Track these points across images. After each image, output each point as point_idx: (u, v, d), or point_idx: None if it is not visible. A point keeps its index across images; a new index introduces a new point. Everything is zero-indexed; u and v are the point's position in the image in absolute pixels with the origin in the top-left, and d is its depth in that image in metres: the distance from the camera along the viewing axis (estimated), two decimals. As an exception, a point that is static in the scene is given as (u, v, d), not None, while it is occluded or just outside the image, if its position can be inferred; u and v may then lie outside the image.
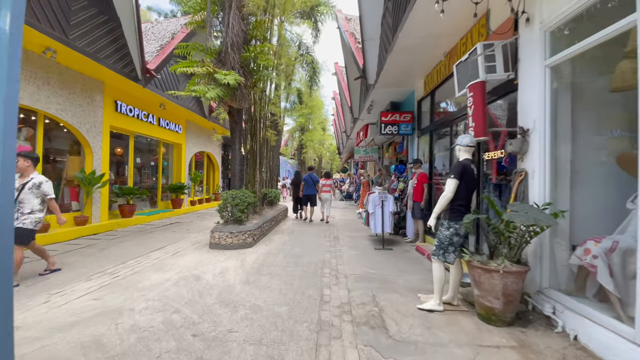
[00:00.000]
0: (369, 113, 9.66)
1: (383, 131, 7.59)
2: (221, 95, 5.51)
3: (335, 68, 14.11)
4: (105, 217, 7.92)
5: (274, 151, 10.60)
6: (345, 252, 5.87)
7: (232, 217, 5.99)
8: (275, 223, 8.67)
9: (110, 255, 5.37)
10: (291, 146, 24.72)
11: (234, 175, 6.62)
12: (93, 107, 7.51)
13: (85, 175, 7.03)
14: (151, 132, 10.05)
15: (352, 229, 8.60)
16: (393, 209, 6.44)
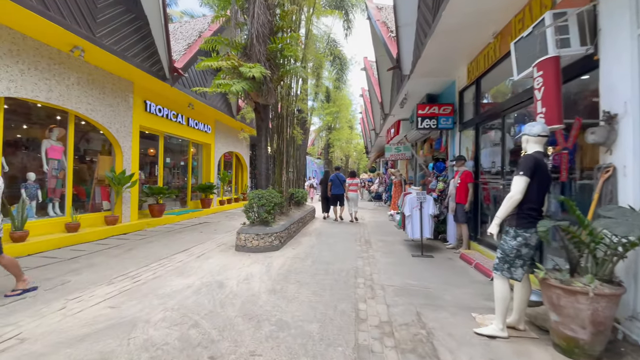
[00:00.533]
0: (402, 107, 9.00)
1: (420, 125, 6.95)
2: (246, 89, 5.20)
3: (365, 63, 13.52)
4: (135, 216, 7.95)
5: (300, 150, 10.24)
6: (380, 259, 5.33)
7: (259, 218, 5.66)
8: (303, 224, 8.29)
9: (135, 257, 5.23)
10: (318, 145, 24.35)
11: (260, 174, 6.31)
12: (123, 107, 7.53)
13: (114, 174, 7.04)
14: (180, 132, 10.07)
15: (384, 232, 8.01)
16: (433, 212, 5.80)
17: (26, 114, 6.38)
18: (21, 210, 5.16)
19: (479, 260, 4.97)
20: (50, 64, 5.71)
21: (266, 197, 5.68)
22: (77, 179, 7.19)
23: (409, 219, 5.80)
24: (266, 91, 5.59)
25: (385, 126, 12.75)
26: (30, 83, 5.37)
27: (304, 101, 8.69)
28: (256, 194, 5.73)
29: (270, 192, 5.87)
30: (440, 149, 8.20)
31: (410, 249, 6.10)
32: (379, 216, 11.44)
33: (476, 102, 6.05)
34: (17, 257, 4.99)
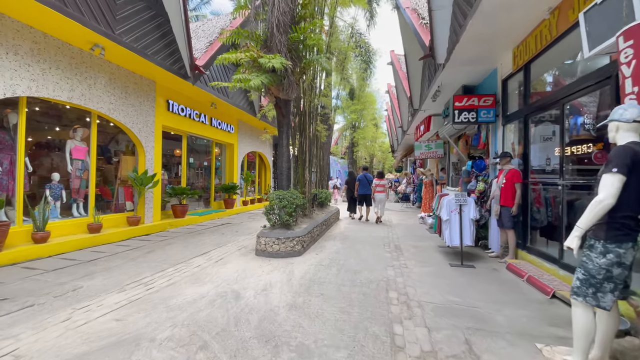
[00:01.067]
0: (434, 101, 8.31)
1: (457, 119, 6.27)
2: (266, 82, 4.83)
3: (392, 57, 12.86)
4: (157, 217, 7.86)
5: (324, 149, 9.80)
6: (414, 269, 4.76)
7: (279, 221, 5.27)
8: (327, 227, 7.83)
9: (153, 260, 5.01)
10: (341, 145, 23.80)
11: (281, 174, 5.93)
12: (145, 107, 7.45)
13: (137, 175, 6.95)
14: (203, 132, 9.96)
15: (415, 237, 7.38)
16: (475, 216, 5.13)
17: (50, 114, 6.42)
18: (42, 211, 5.10)
19: (531, 272, 4.28)
20: (72, 63, 5.65)
21: (287, 198, 5.28)
22: (100, 180, 7.19)
23: (447, 224, 5.17)
24: (287, 85, 5.19)
25: (413, 123, 12.02)
26: (52, 82, 5.32)
27: (327, 97, 8.23)
28: (277, 195, 5.35)
29: (291, 193, 5.46)
30: (478, 146, 7.44)
31: (448, 256, 5.47)
32: (407, 218, 10.75)
33: (524, 91, 5.31)
34: (38, 259, 4.93)
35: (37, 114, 5.92)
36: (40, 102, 5.61)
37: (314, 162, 8.98)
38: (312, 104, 6.87)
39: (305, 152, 6.71)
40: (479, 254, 5.66)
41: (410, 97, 10.49)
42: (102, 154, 7.28)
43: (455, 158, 10.10)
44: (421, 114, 10.47)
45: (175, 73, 7.27)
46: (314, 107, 6.99)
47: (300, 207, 5.98)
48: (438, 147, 10.46)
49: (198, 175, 11.07)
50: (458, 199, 5.08)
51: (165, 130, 8.46)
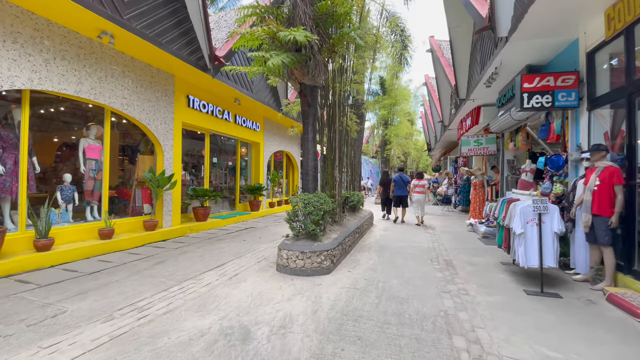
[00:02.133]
0: (489, 86, 6.99)
1: (526, 104, 4.99)
2: (287, 62, 3.96)
3: (431, 43, 11.53)
4: (177, 220, 7.32)
5: (355, 146, 8.81)
6: (478, 297, 3.64)
7: (304, 230, 4.38)
8: (360, 235, 6.83)
9: (159, 275, 4.33)
10: (372, 143, 22.53)
11: (306, 174, 5.05)
12: (163, 102, 6.93)
13: (153, 175, 6.41)
14: (227, 130, 9.37)
15: (467, 250, 6.16)
16: (560, 229, 3.89)
17: (60, 110, 6.04)
18: (46, 215, 4.63)
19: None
20: (80, 54, 5.17)
21: (314, 203, 4.38)
22: (115, 181, 6.77)
23: (520, 239, 3.97)
24: (313, 66, 4.29)
25: (458, 116, 10.63)
26: (57, 74, 4.84)
27: (360, 82, 7.21)
28: (301, 199, 4.47)
29: (318, 197, 4.55)
30: (547, 138, 6.07)
31: (518, 279, 4.27)
32: (451, 224, 9.43)
33: (628, 63, 3.98)
34: (37, 270, 4.44)
35: (45, 110, 5.54)
36: (48, 97, 5.19)
37: (345, 161, 8.02)
38: (343, 91, 5.89)
39: (334, 149, 5.77)
40: (559, 276, 4.39)
41: (455, 85, 9.17)
42: (117, 153, 6.86)
43: (510, 155, 8.65)
44: (468, 105, 9.12)
45: (193, 64, 6.66)
46: (344, 95, 6.00)
47: (329, 214, 5.06)
48: (489, 143, 9.04)
49: (223, 175, 10.53)
50: (537, 206, 3.87)
51: (186, 128, 7.93)
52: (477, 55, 7.64)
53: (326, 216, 4.70)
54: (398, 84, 15.86)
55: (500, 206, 4.85)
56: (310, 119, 4.87)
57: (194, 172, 8.91)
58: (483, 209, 8.72)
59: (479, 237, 7.40)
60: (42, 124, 5.92)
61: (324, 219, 4.56)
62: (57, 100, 5.37)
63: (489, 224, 7.73)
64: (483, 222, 7.92)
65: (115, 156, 6.92)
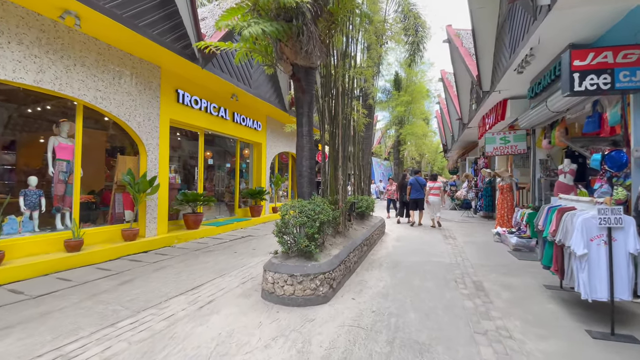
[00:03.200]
0: (521, 72, 5.94)
1: (578, 87, 3.95)
2: (270, 32, 3.11)
3: (448, 33, 10.49)
4: (163, 229, 6.55)
5: (364, 144, 7.86)
6: (528, 344, 2.64)
7: (296, 246, 3.48)
8: (369, 247, 5.88)
9: (116, 300, 3.52)
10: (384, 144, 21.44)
11: (300, 175, 4.17)
12: (147, 97, 6.20)
13: (131, 178, 5.66)
14: (224, 129, 8.61)
15: (498, 266, 5.11)
16: (637, 249, 2.85)
17: (24, 104, 5.38)
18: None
19: None
20: (41, 38, 4.47)
21: (308, 211, 3.48)
22: (92, 184, 6.07)
23: (583, 262, 2.94)
24: (307, 41, 3.42)
25: (480, 111, 9.54)
26: (11, 61, 4.15)
27: (370, 68, 6.26)
28: (292, 206, 3.58)
29: (315, 204, 3.65)
30: (600, 132, 4.99)
31: (573, 310, 3.24)
32: (474, 232, 8.33)
33: None
34: (-25, 292, 3.69)
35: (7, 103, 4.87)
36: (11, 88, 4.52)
37: (352, 162, 7.09)
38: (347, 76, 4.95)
39: (338, 147, 4.86)
40: (631, 309, 3.32)
41: (477, 76, 8.13)
42: (96, 153, 6.17)
43: (543, 154, 7.52)
44: (493, 98, 8.04)
45: (179, 52, 5.91)
46: (348, 81, 5.05)
47: (330, 224, 4.15)
48: (518, 140, 7.92)
49: (221, 179, 9.77)
50: (606, 217, 2.84)
51: (175, 125, 7.19)
52: (505, 38, 6.60)
53: (325, 228, 3.79)
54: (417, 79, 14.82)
55: (546, 215, 3.81)
56: (305, 109, 3.99)
57: (187, 174, 8.17)
58: (512, 216, 7.61)
59: (510, 250, 6.32)
60: (6, 120, 5.27)
61: (321, 232, 3.65)
62: (25, 93, 4.70)
63: (520, 234, 6.63)
64: (513, 232, 6.83)
65: (93, 157, 6.24)
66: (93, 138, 6.23)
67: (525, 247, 6.21)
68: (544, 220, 3.82)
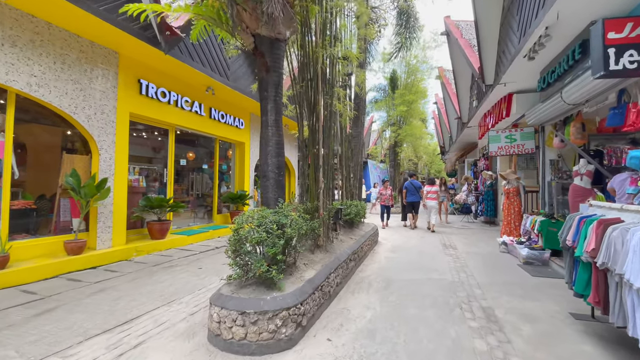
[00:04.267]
0: (532, 58, 5.15)
1: (614, 65, 3.15)
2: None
3: (447, 24, 9.74)
4: (120, 239, 5.66)
5: (354, 142, 7.04)
6: None
7: (252, 273, 2.61)
8: (357, 262, 5.03)
9: (13, 342, 2.63)
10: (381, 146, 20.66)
11: (265, 176, 3.33)
12: (100, 86, 5.34)
13: (76, 181, 4.78)
14: (199, 126, 7.74)
15: (509, 284, 4.28)
16: None
17: None
18: None
19: None
20: (-53, 6, 3.61)
21: (269, 225, 2.63)
22: (36, 188, 5.18)
23: (628, 292, 2.11)
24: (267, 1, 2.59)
25: (481, 108, 8.76)
26: None
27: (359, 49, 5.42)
28: (251, 218, 2.73)
29: (280, 214, 2.80)
30: (623, 127, 4.20)
31: (615, 354, 2.41)
32: (477, 241, 7.50)
33: None
34: None
35: None
36: None
37: (341, 162, 6.25)
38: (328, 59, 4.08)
39: (318, 142, 4.03)
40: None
41: (479, 68, 7.35)
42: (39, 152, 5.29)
43: (554, 153, 6.74)
44: (497, 93, 7.26)
45: (135, 34, 5.06)
46: (330, 64, 4.16)
47: (308, 237, 3.30)
48: (526, 139, 7.13)
49: (198, 181, 8.88)
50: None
51: (138, 120, 6.32)
52: (512, 22, 5.82)
53: (295, 244, 2.93)
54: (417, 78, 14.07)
55: (577, 228, 2.99)
56: (271, 92, 3.16)
57: (155, 177, 7.28)
58: (520, 223, 6.81)
59: (519, 263, 5.51)
60: None
61: (289, 251, 2.79)
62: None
63: (531, 245, 5.82)
64: (522, 242, 6.02)
65: (40, 156, 5.37)
66: (38, 134, 5.35)
67: (538, 260, 5.39)
68: (575, 233, 3.00)
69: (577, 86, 4.65)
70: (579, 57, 4.55)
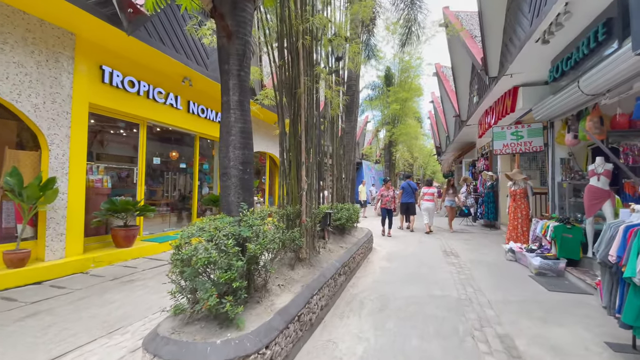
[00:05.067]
0: (546, 42, 4.55)
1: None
2: None
3: (446, 15, 9.14)
4: (76, 248, 4.92)
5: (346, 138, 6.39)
6: None
7: (200, 307, 1.92)
8: (348, 276, 4.36)
9: None
10: (376, 146, 20.07)
11: (226, 174, 2.65)
12: (51, 71, 4.61)
13: (16, 181, 4.04)
14: (175, 121, 7.02)
15: (525, 302, 3.64)
16: None
17: None
18: None
19: None
20: None
21: (222, 240, 1.94)
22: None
23: None
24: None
25: (482, 104, 8.18)
26: None
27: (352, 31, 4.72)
28: (202, 229, 2.04)
29: (246, 224, 2.12)
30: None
31: None
32: (478, 247, 6.88)
33: None
34: None
35: None
36: None
37: (332, 160, 5.59)
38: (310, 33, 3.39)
39: (300, 134, 3.36)
40: None
41: (483, 59, 6.75)
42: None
43: (564, 151, 6.16)
44: (500, 87, 6.67)
45: (91, 11, 4.35)
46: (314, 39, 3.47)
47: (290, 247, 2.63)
48: (534, 135, 6.54)
49: (176, 182, 8.14)
50: None
51: (100, 112, 5.58)
52: (522, 4, 5.23)
53: (263, 265, 2.25)
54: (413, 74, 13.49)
55: (622, 240, 2.36)
56: (234, 65, 2.49)
57: (124, 177, 6.53)
58: (527, 227, 6.21)
59: (531, 274, 4.89)
60: None
61: (253, 274, 2.11)
62: None
63: (543, 253, 5.22)
64: (533, 250, 5.41)
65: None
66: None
67: (552, 270, 4.78)
68: (621, 247, 2.37)
69: (599, 72, 4.06)
70: (603, 38, 3.96)
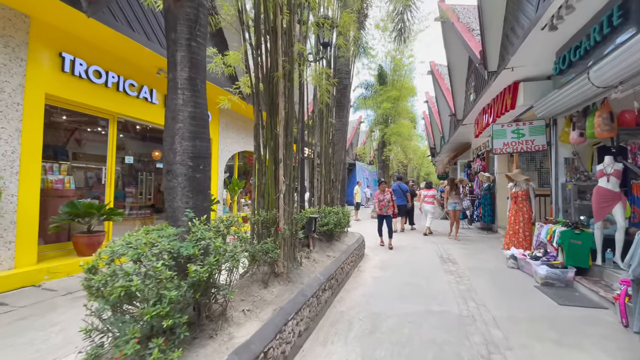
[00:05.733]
0: (555, 27, 4.12)
1: None
2: None
3: (441, 8, 8.75)
4: (29, 257, 4.33)
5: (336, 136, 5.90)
6: None
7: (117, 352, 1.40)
8: (335, 290, 3.85)
9: None
10: (370, 147, 19.66)
11: (171, 172, 2.15)
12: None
13: (-53, 181, 3.46)
14: (150, 117, 6.45)
15: (533, 319, 3.18)
16: None
17: None
18: None
19: None
20: None
21: (151, 258, 1.43)
22: None
23: None
24: None
25: (480, 102, 7.77)
26: None
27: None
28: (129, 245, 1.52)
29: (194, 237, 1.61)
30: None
31: None
32: (477, 252, 6.44)
33: None
34: None
35: None
36: None
37: (321, 159, 5.09)
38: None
39: (277, 125, 2.86)
40: None
41: (482, 52, 6.34)
42: None
43: (568, 151, 5.77)
44: (501, 80, 6.25)
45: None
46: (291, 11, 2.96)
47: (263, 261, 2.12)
48: (536, 133, 6.13)
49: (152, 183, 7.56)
50: None
51: (60, 105, 5.00)
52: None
53: (219, 287, 1.75)
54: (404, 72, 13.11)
55: None
56: (182, 33, 1.95)
57: (92, 177, 5.95)
58: (530, 232, 5.79)
59: (537, 284, 4.45)
60: None
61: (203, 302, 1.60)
62: None
63: (549, 260, 4.79)
64: (538, 257, 4.98)
65: None
66: None
67: (560, 280, 4.35)
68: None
69: (614, 61, 3.65)
70: (618, 22, 3.56)
